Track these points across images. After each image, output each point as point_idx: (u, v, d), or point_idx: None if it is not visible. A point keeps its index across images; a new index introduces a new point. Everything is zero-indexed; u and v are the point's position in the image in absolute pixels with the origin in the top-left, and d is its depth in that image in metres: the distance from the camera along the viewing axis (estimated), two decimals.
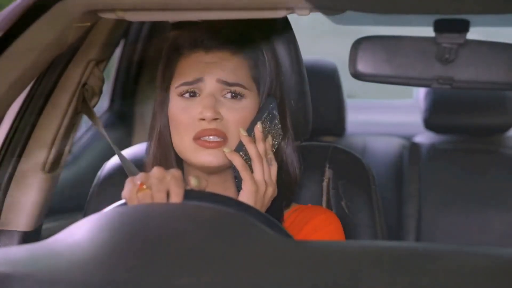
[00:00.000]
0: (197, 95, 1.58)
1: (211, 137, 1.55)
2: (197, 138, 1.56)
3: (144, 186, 1.36)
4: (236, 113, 1.57)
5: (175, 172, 1.37)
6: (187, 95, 1.58)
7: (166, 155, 1.63)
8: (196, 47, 1.59)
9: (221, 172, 1.60)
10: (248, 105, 1.58)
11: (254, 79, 1.60)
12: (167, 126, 1.62)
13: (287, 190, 1.63)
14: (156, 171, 1.38)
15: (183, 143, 1.58)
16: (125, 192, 1.38)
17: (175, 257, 1.12)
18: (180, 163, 1.64)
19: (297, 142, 1.69)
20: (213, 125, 1.55)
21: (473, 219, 2.99)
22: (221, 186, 1.60)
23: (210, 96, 1.56)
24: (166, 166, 1.61)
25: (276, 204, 1.59)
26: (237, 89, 1.57)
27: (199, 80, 1.57)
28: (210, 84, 1.57)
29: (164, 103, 1.62)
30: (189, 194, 1.35)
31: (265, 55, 1.62)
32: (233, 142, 1.56)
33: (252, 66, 1.60)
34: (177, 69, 1.61)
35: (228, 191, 1.60)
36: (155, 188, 1.36)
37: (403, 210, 3.04)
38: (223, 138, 1.56)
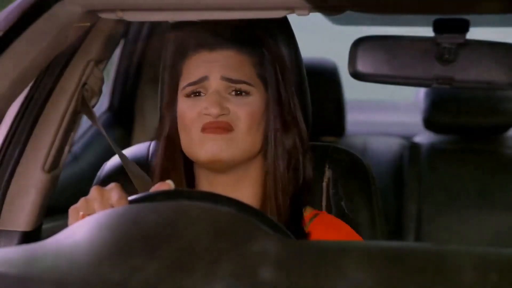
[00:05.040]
0: (203, 94, 1.57)
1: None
2: (204, 129, 1.55)
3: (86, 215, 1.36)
4: (243, 108, 1.56)
5: (114, 186, 1.37)
6: (192, 95, 1.58)
7: (174, 158, 1.63)
8: (200, 47, 1.59)
9: (230, 171, 1.59)
10: (254, 101, 1.57)
11: (259, 77, 1.59)
12: (175, 128, 1.62)
13: (300, 190, 1.63)
14: (94, 192, 1.38)
15: (190, 136, 1.56)
16: (70, 223, 1.38)
17: (174, 257, 1.11)
18: (189, 167, 1.64)
19: None
20: (220, 119, 1.54)
21: (473, 219, 2.99)
22: (230, 188, 1.60)
23: (216, 93, 1.55)
24: (174, 169, 1.61)
25: (294, 204, 1.59)
26: (242, 86, 1.57)
27: (203, 79, 1.57)
28: (214, 81, 1.56)
29: (172, 105, 1.62)
30: (190, 194, 1.35)
31: (268, 53, 1.62)
32: (239, 134, 1.55)
33: (257, 64, 1.60)
34: (183, 70, 1.60)
35: (238, 192, 1.59)
36: (98, 210, 1.36)
37: (403, 210, 3.04)
38: (230, 129, 1.55)
